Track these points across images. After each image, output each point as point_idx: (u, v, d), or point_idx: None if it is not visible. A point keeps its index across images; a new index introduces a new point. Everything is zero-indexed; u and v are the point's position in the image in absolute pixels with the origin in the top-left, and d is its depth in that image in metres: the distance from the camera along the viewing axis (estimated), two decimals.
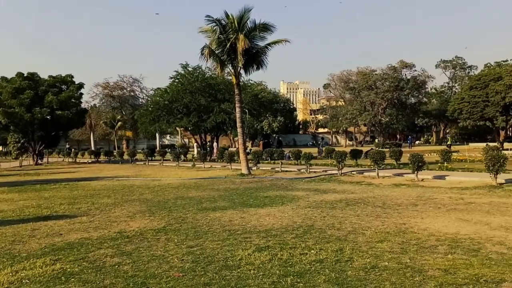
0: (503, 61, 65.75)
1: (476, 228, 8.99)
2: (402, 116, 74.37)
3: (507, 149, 39.46)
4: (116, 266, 6.92)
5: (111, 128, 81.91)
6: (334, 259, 6.93)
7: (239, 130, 24.70)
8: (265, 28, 23.05)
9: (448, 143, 49.13)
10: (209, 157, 36.30)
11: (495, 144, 42.63)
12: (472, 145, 56.61)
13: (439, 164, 23.35)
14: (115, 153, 46.37)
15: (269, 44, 23.80)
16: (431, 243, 7.83)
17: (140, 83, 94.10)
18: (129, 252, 7.71)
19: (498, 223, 9.41)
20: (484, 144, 40.52)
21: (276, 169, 25.38)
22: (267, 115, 77.26)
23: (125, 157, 44.23)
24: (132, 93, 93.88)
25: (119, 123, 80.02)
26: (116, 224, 10.40)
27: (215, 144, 44.38)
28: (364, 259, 6.91)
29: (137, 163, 39.31)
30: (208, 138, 47.18)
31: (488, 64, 70.55)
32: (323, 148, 34.61)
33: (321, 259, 6.97)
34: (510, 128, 52.21)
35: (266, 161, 30.88)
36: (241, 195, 15.23)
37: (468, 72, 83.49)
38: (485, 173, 16.88)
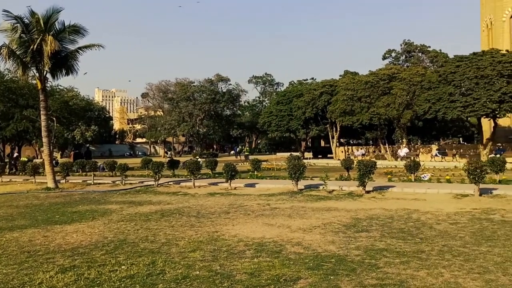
0: (304, 80, 74.36)
1: (279, 231, 9.81)
2: (218, 127, 77.69)
3: (306, 158, 44.49)
4: None
5: None
6: (145, 273, 6.74)
7: (44, 139, 22.44)
8: (76, 30, 21.55)
9: (246, 153, 52.95)
10: (9, 170, 32.20)
11: (298, 153, 47.69)
12: (279, 154, 62.35)
13: (250, 173, 24.95)
14: None
15: (80, 48, 22.30)
16: (240, 248, 8.25)
17: None
18: None
19: (297, 225, 10.44)
20: (288, 154, 44.92)
21: (88, 181, 23.83)
22: (80, 123, 72.42)
23: None
24: None
25: None
26: None
27: (16, 155, 39.55)
28: (176, 270, 6.89)
29: None
30: (9, 148, 41.85)
31: (292, 82, 78.87)
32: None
33: (132, 274, 6.72)
34: (310, 140, 59.13)
35: (78, 173, 28.78)
36: (46, 212, 13.83)
37: (276, 88, 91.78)
38: (289, 180, 18.63)
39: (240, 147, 68.05)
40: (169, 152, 66.33)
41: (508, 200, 13.69)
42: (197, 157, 39.83)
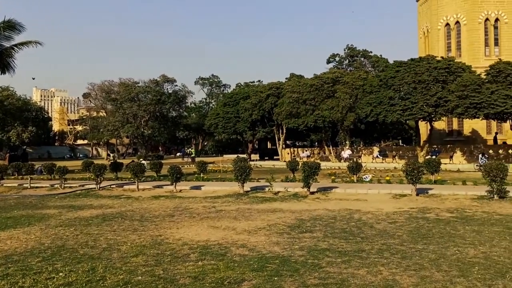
0: (251, 82, 74.85)
1: (224, 233, 9.78)
2: (164, 128, 76.42)
3: (253, 160, 44.75)
4: None
5: None
6: (85, 280, 6.50)
7: None
8: (12, 26, 20.49)
9: (192, 155, 52.62)
10: None
11: (244, 155, 47.89)
12: (226, 156, 62.33)
13: (196, 175, 24.73)
14: None
15: (16, 45, 21.22)
16: (184, 252, 8.14)
17: None
18: None
19: (243, 227, 10.46)
20: (235, 156, 44.97)
21: (25, 185, 22.67)
22: (16, 124, 68.91)
23: None
24: None
25: None
26: None
27: None
28: (117, 276, 6.69)
29: None
30: None
31: (239, 84, 79.16)
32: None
33: (70, 281, 6.45)
34: (256, 142, 59.51)
35: (13, 177, 27.31)
36: None
37: (223, 90, 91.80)
38: (235, 182, 18.63)
39: (186, 149, 67.34)
40: (112, 154, 64.48)
41: (443, 199, 14.41)
42: (141, 159, 38.95)
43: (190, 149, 63.70)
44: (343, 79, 39.56)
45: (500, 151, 34.20)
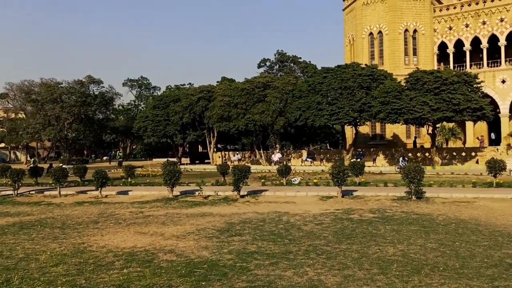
0: (181, 85, 73.93)
1: (152, 239, 9.54)
2: (89, 131, 73.26)
3: (183, 164, 44.20)
4: None
5: None
6: None
7: None
8: None
9: (120, 159, 51.17)
10: None
11: (175, 159, 47.14)
12: (155, 160, 60.92)
13: (123, 180, 23.97)
14: None
15: None
16: (109, 259, 7.83)
17: None
18: None
19: (171, 232, 10.26)
20: (165, 159, 44.15)
21: None
22: None
23: None
24: None
25: None
26: None
27: None
28: (35, 287, 6.30)
29: None
30: None
31: (169, 86, 77.88)
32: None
33: None
34: (187, 145, 58.81)
35: None
36: None
37: (152, 92, 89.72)
38: (164, 187, 18.26)
39: (114, 152, 65.01)
40: (32, 158, 60.84)
41: (366, 201, 15.08)
42: (61, 164, 37.02)
43: (118, 153, 61.62)
44: (274, 83, 40.25)
45: (418, 154, 36.43)
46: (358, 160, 27.91)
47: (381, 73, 35.73)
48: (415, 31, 45.57)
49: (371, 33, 46.62)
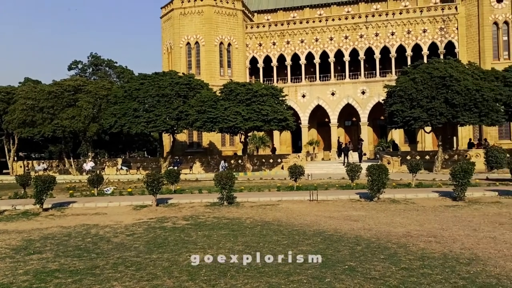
0: None
1: None
2: None
3: None
4: None
5: None
6: None
7: None
8: None
9: None
10: None
11: None
12: None
13: None
14: None
15: None
16: None
17: None
18: None
19: None
20: None
21: None
22: None
23: None
24: None
25: None
26: None
27: None
28: None
29: None
30: None
31: None
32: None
33: None
34: None
35: None
36: None
37: None
38: None
39: None
40: None
41: (180, 208, 15.17)
42: None
43: None
44: (86, 87, 37.85)
45: (232, 161, 38.33)
46: (175, 167, 28.05)
47: (198, 82, 36.65)
48: (229, 44, 48.11)
49: (188, 43, 47.56)
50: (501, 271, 6.96)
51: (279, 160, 37.33)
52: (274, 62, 48.62)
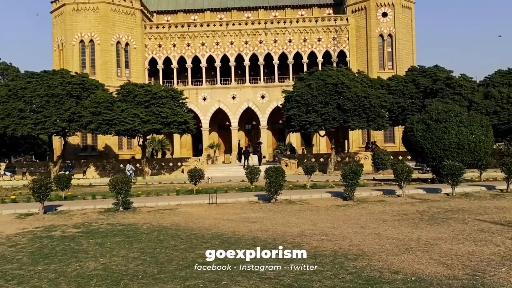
0: None
1: None
2: None
3: None
4: None
5: None
6: None
7: None
8: None
9: None
10: None
11: None
12: None
13: None
14: None
15: None
16: None
17: None
18: None
19: None
20: None
21: None
22: None
23: None
24: None
25: None
26: None
27: None
28: None
29: None
30: None
31: None
32: None
33: None
34: None
35: None
36: None
37: None
38: None
39: None
40: None
41: (71, 215, 14.23)
42: None
43: None
44: None
45: (120, 165, 36.94)
46: (67, 172, 26.35)
47: (92, 82, 34.82)
48: (127, 44, 46.40)
49: (82, 41, 44.99)
50: (383, 264, 7.50)
51: (179, 164, 36.83)
52: (175, 64, 47.92)
